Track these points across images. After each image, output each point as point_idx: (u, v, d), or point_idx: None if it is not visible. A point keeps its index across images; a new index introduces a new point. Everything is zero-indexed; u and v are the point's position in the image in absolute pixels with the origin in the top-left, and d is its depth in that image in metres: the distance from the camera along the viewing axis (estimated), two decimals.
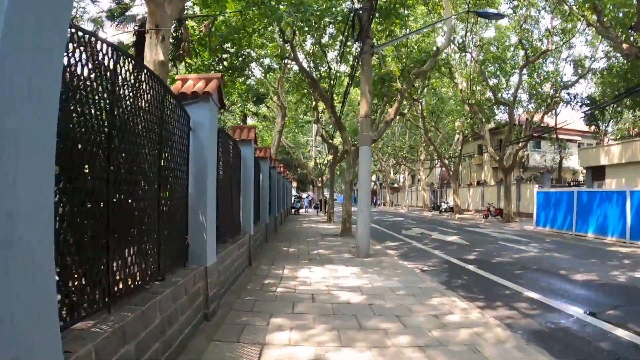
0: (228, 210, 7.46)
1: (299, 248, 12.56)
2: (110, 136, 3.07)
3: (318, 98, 23.11)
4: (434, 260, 11.69)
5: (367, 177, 11.08)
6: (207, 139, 5.25)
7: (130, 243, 3.48)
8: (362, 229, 10.94)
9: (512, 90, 29.93)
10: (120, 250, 3.30)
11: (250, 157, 9.25)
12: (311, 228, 20.90)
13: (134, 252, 3.52)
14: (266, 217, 13.25)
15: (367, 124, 11.26)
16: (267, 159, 13.31)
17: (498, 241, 16.41)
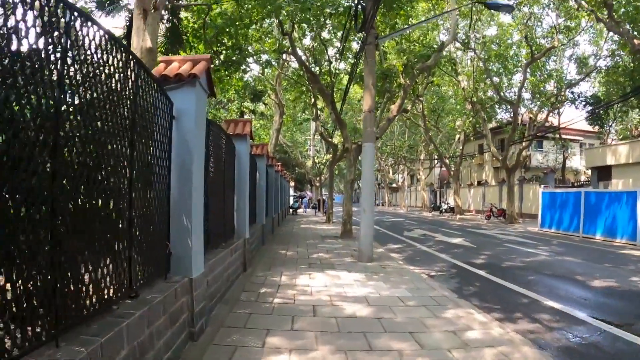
0: (220, 212, 6.73)
1: (298, 251, 11.84)
2: (59, 117, 2.36)
3: (317, 94, 22.45)
4: (441, 264, 11.00)
5: (370, 176, 10.37)
6: (193, 129, 4.52)
7: (89, 255, 2.75)
8: (365, 231, 10.23)
9: (514, 89, 29.38)
10: (73, 265, 2.58)
11: (246, 154, 8.52)
12: (310, 229, 20.18)
13: (95, 266, 2.81)
14: (263, 218, 12.54)
15: (371, 119, 10.55)
16: (264, 156, 12.58)
17: (505, 243, 15.76)
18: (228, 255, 6.76)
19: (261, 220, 12.35)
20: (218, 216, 6.59)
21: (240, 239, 8.22)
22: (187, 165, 4.45)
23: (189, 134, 4.50)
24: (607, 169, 24.21)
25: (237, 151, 8.35)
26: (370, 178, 10.36)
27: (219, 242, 6.71)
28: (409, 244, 15.50)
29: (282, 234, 17.34)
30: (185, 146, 4.46)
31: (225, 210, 7.15)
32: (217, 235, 6.53)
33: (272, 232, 16.77)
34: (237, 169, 8.30)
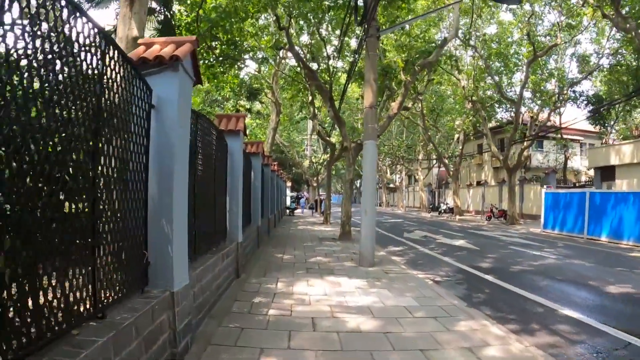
0: (209, 214, 6.16)
1: (295, 255, 11.25)
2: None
3: (315, 92, 21.91)
4: (446, 268, 10.45)
5: (372, 176, 9.81)
6: (176, 120, 3.95)
7: (38, 269, 2.18)
8: (367, 234, 9.66)
9: (515, 89, 28.93)
10: (15, 283, 2.01)
11: (239, 151, 7.94)
12: (307, 230, 19.61)
13: (46, 282, 2.24)
14: (258, 220, 11.96)
15: (372, 115, 9.98)
16: (259, 154, 12.00)
17: (509, 246, 15.25)
18: (219, 261, 6.18)
19: (256, 222, 11.78)
20: (207, 219, 6.01)
21: (233, 242, 7.64)
22: (168, 162, 3.87)
23: (171, 126, 3.92)
24: (611, 169, 23.72)
25: (230, 148, 7.77)
26: (371, 178, 9.80)
27: (209, 248, 6.13)
28: (410, 246, 14.95)
29: (279, 235, 16.76)
30: (166, 139, 3.88)
31: (216, 213, 6.57)
32: (206, 240, 5.95)
33: (268, 234, 16.20)
34: (229, 167, 7.72)
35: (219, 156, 6.87)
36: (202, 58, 16.02)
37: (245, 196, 10.11)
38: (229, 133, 7.75)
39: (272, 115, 29.16)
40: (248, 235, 9.82)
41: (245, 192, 10.09)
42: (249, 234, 10.18)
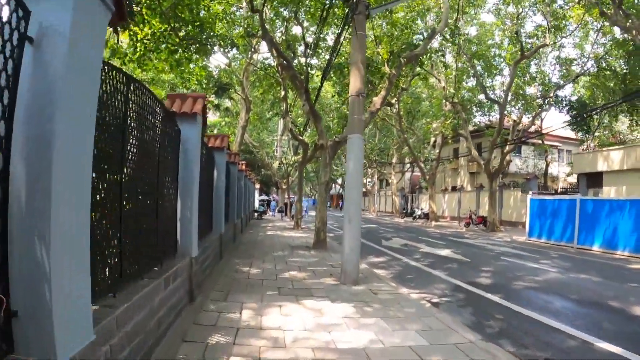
0: (148, 223, 4.44)
1: (264, 268, 9.52)
2: None
3: (288, 86, 20.29)
4: (441, 286, 8.99)
5: (357, 177, 8.22)
6: (67, 62, 2.25)
7: None
8: (351, 247, 8.06)
9: (497, 91, 28.09)
10: None
11: (196, 141, 6.20)
12: (277, 237, 17.86)
13: None
14: (221, 226, 10.19)
15: (359, 104, 8.41)
16: (225, 150, 10.23)
17: (501, 257, 13.99)
18: (160, 288, 4.44)
19: (219, 229, 10.02)
20: (144, 230, 4.29)
21: (185, 258, 5.90)
22: (46, 129, 2.17)
23: (58, 71, 2.23)
24: (598, 175, 22.91)
25: (184, 136, 6.05)
26: (357, 179, 8.21)
27: (146, 269, 4.39)
28: (392, 256, 13.45)
29: (246, 242, 14.95)
30: (45, 90, 2.19)
31: (159, 220, 4.85)
32: (141, 259, 4.22)
33: (234, 241, 14.42)
34: (182, 161, 5.99)
35: (165, 144, 5.16)
36: (165, 42, 14.19)
37: (205, 199, 8.38)
38: (182, 117, 6.02)
39: (242, 112, 27.41)
40: (208, 246, 8.07)
41: (205, 194, 8.36)
42: (210, 244, 8.43)
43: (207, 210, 8.72)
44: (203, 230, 8.12)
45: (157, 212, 4.81)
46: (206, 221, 8.65)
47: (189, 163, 6.06)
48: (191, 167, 6.08)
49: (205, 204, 8.53)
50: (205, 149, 8.47)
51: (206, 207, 8.62)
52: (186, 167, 6.04)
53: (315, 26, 15.98)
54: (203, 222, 8.13)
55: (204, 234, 8.18)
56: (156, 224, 4.76)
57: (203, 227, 8.12)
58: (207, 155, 8.67)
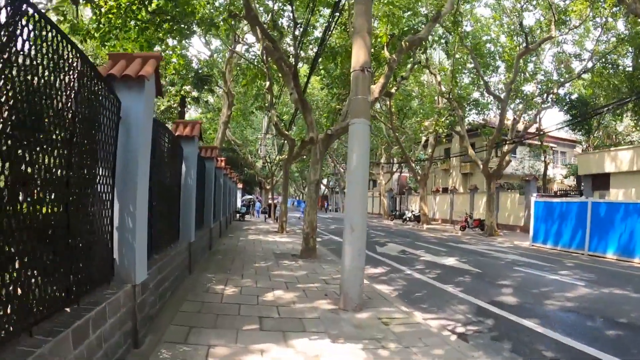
0: (53, 240, 2.60)
1: (242, 286, 7.65)
2: None
3: (274, 75, 18.47)
4: (461, 307, 7.33)
5: (362, 173, 6.43)
6: None
7: None
8: (353, 263, 6.27)
9: (491, 89, 26.56)
10: None
11: (143, 119, 4.34)
12: (259, 242, 15.95)
13: None
14: (191, 234, 8.30)
15: (364, 81, 6.64)
16: (195, 139, 8.32)
17: (513, 267, 12.40)
18: (66, 345, 2.62)
19: (188, 237, 8.14)
20: (45, 251, 2.46)
21: (125, 287, 4.06)
22: None
23: None
24: (605, 176, 21.47)
25: (125, 109, 4.21)
26: (362, 176, 6.41)
27: (43, 317, 2.56)
28: (392, 266, 11.72)
29: (224, 250, 12.98)
30: None
31: (78, 233, 3.02)
32: (36, 300, 2.39)
33: (210, 248, 12.53)
34: (122, 147, 4.16)
35: (92, 118, 3.34)
36: (133, 18, 12.31)
37: (167, 200, 6.54)
38: (124, 83, 4.20)
39: (224, 108, 25.51)
40: (168, 262, 6.20)
41: (168, 194, 6.52)
42: (172, 257, 6.57)
43: (169, 215, 6.88)
44: (162, 241, 6.28)
45: (69, 220, 2.99)
46: (168, 228, 6.81)
47: (132, 149, 4.21)
48: (135, 155, 4.23)
49: (167, 206, 6.68)
50: (169, 136, 6.62)
51: (169, 211, 6.78)
52: (128, 154, 4.19)
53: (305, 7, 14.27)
54: (163, 230, 6.28)
55: (163, 246, 6.34)
56: (70, 239, 2.93)
57: (162, 237, 6.27)
58: (172, 144, 6.83)
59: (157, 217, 5.94)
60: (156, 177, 5.79)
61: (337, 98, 19.57)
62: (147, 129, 4.49)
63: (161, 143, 6.00)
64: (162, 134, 6.01)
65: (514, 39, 24.45)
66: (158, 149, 5.77)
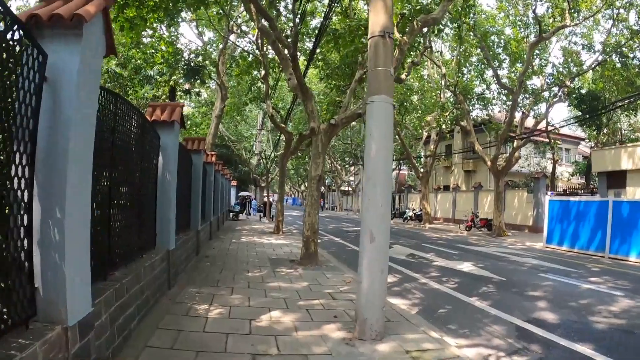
0: None
1: (232, 305, 6.20)
2: None
3: (270, 63, 17.11)
4: (496, 328, 6.13)
5: (384, 165, 5.03)
6: None
7: None
8: (373, 280, 4.89)
9: (493, 85, 25.39)
10: None
11: (83, 83, 2.99)
12: (253, 245, 14.53)
13: None
14: (169, 239, 6.86)
15: (385, 50, 5.26)
16: (175, 125, 6.86)
17: (538, 273, 11.13)
18: None
19: (166, 244, 6.72)
20: None
21: (48, 332, 2.68)
22: None
23: None
24: (620, 174, 20.21)
25: (53, 68, 2.83)
26: (384, 169, 5.02)
27: None
28: (403, 273, 10.36)
29: (213, 256, 11.45)
30: None
31: None
32: None
33: (197, 253, 11.13)
34: (47, 120, 2.77)
35: None
36: None
37: (136, 199, 5.16)
38: (52, 27, 2.83)
39: (217, 101, 24.09)
40: (133, 281, 4.75)
41: (134, 192, 5.14)
42: (141, 274, 5.14)
43: (140, 218, 5.49)
44: (126, 252, 4.89)
45: None
46: (137, 235, 5.41)
47: (62, 124, 2.82)
48: (66, 133, 2.84)
49: (137, 208, 5.30)
50: (137, 118, 5.24)
51: (138, 214, 5.39)
52: (56, 132, 2.81)
53: None
54: (127, 239, 4.90)
55: (127, 258, 4.95)
56: None
57: (126, 248, 4.89)
58: (142, 129, 5.44)
59: (120, 222, 4.56)
60: (118, 170, 4.42)
61: (337, 89, 18.23)
62: (87, 97, 3.09)
63: (124, 125, 4.62)
64: (123, 113, 4.63)
65: (520, 30, 23.33)
66: (120, 132, 4.40)
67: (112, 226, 4.34)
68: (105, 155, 4.06)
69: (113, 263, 4.38)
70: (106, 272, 4.19)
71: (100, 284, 3.93)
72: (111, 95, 4.28)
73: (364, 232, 4.91)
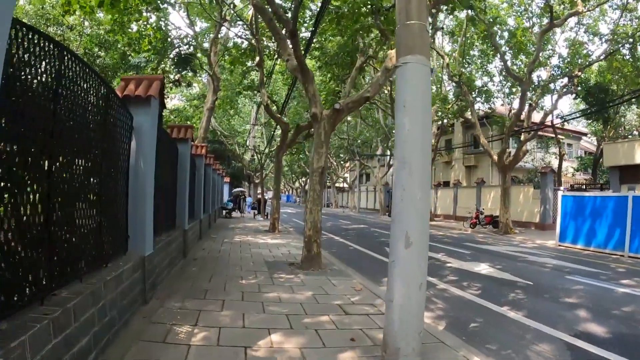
0: None
1: (221, 327, 4.87)
2: None
3: (264, 48, 15.90)
4: (542, 347, 5.22)
5: (422, 145, 3.81)
6: None
7: None
8: (409, 296, 3.67)
9: (497, 77, 24.37)
10: None
11: None
12: (248, 245, 13.24)
13: None
14: (145, 243, 5.52)
15: None
16: (153, 104, 5.57)
17: (564, 275, 10.12)
18: None
19: (141, 249, 5.43)
20: None
21: None
22: None
23: None
24: (635, 168, 19.15)
25: None
26: (421, 152, 3.77)
27: None
28: None
29: (202, 258, 10.14)
30: None
31: None
32: None
33: (185, 256, 9.87)
34: None
35: None
36: None
37: (103, 192, 3.94)
38: None
39: (209, 94, 22.81)
40: (83, 304, 3.52)
41: (92, 183, 3.91)
42: (100, 291, 3.91)
43: (104, 217, 4.26)
44: (82, 258, 3.67)
45: None
46: (102, 236, 4.19)
47: None
48: None
49: (101, 202, 4.08)
50: (98, 83, 4.02)
51: (102, 210, 4.16)
52: None
53: None
54: (80, 243, 3.68)
55: (90, 265, 3.74)
56: None
57: (78, 255, 3.66)
58: (106, 103, 4.23)
59: (69, 224, 3.35)
60: (64, 152, 3.21)
61: (335, 79, 17.07)
62: None
63: (76, 92, 3.41)
64: (75, 75, 3.41)
65: (524, 20, 22.34)
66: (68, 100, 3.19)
67: (53, 230, 3.12)
68: (37, 127, 2.84)
69: (56, 280, 3.16)
70: (43, 294, 2.97)
71: (29, 314, 2.72)
72: (53, 45, 3.05)
73: (397, 234, 3.71)
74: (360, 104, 10.92)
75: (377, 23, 10.89)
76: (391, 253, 3.82)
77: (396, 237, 3.71)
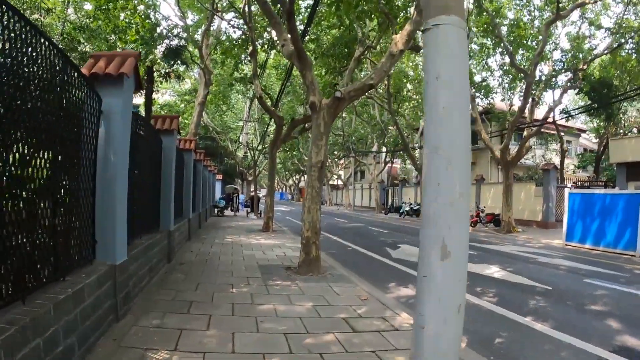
0: None
1: (206, 352, 4.01)
2: None
3: (258, 37, 15.07)
4: None
5: (464, 128, 3.01)
6: None
7: None
8: (444, 326, 2.82)
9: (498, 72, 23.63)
10: None
11: None
12: (240, 247, 12.31)
13: None
14: (115, 249, 4.54)
15: None
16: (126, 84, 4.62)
17: (582, 278, 9.46)
18: None
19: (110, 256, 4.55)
20: None
21: None
22: None
23: None
24: None
25: None
26: (462, 134, 3.01)
27: None
28: None
29: (189, 262, 9.16)
30: None
31: None
32: None
33: (169, 260, 8.99)
34: None
35: None
36: None
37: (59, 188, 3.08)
38: None
39: (200, 88, 21.95)
40: (28, 332, 2.71)
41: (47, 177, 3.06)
42: (55, 312, 3.08)
43: (64, 216, 3.42)
44: (27, 273, 2.83)
45: None
46: (56, 244, 3.34)
47: None
48: None
49: (56, 200, 3.23)
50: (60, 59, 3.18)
51: (54, 209, 3.32)
52: None
53: None
54: (33, 249, 2.83)
55: (40, 281, 2.90)
56: None
57: (27, 265, 2.81)
58: (60, 72, 3.38)
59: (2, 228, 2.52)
60: None
61: (332, 72, 16.26)
62: None
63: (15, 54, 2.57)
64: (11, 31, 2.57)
65: (525, 14, 21.65)
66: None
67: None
68: None
69: None
70: None
71: None
72: None
73: (429, 242, 2.87)
74: (363, 92, 10.13)
75: (380, 6, 10.06)
76: (421, 266, 2.98)
77: (428, 246, 2.87)
